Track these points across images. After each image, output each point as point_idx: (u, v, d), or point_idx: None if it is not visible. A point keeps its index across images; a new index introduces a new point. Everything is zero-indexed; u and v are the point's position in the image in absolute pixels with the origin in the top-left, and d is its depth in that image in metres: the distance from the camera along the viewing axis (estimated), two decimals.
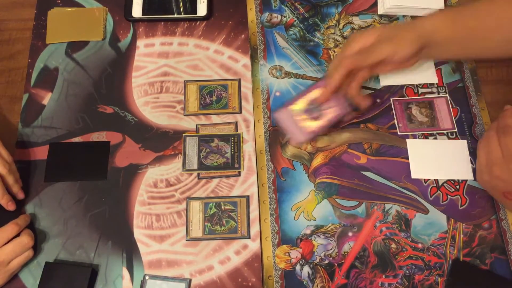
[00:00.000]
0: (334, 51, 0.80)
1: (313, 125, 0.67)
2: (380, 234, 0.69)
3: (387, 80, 0.78)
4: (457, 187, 0.71)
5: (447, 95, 0.77)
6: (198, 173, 0.71)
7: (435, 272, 0.67)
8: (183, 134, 0.73)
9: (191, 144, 0.73)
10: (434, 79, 0.78)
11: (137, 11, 0.81)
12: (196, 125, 0.74)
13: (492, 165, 0.63)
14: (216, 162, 0.72)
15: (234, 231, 0.68)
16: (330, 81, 0.68)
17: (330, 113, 0.67)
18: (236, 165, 0.72)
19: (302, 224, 0.69)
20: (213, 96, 0.76)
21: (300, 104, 0.68)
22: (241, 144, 0.73)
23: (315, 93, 0.67)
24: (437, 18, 0.69)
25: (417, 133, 0.74)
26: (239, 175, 0.71)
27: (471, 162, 0.72)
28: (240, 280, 0.66)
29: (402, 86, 0.78)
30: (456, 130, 0.74)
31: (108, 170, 0.71)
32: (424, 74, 0.78)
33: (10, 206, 0.65)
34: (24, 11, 0.82)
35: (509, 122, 0.62)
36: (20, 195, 0.67)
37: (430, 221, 0.69)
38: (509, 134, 0.61)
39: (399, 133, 0.74)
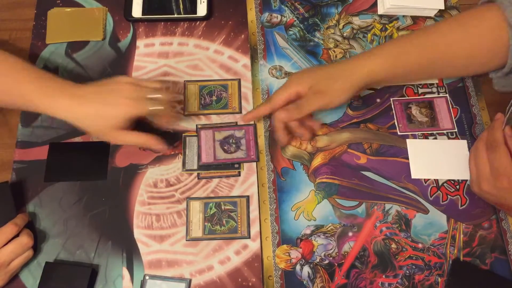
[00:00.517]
0: (334, 51, 0.80)
1: (222, 155, 0.71)
2: (380, 234, 0.69)
3: None
4: (457, 187, 0.71)
5: (447, 95, 0.77)
6: (198, 173, 0.71)
7: (435, 272, 0.67)
8: (183, 134, 0.73)
9: (191, 144, 0.73)
10: (435, 79, 0.78)
11: (137, 11, 0.81)
12: (196, 125, 0.74)
13: (481, 180, 0.64)
14: None
15: (234, 231, 0.68)
16: (252, 113, 0.72)
17: (236, 154, 0.71)
18: (236, 165, 0.72)
19: (302, 224, 0.69)
20: (213, 96, 0.76)
21: (223, 134, 0.72)
22: None
23: (239, 133, 0.72)
24: (374, 62, 0.68)
25: (417, 133, 0.74)
26: (239, 175, 0.71)
27: None
28: (240, 280, 0.66)
29: (402, 86, 0.78)
30: (456, 130, 0.74)
31: (108, 170, 0.71)
32: None
33: None
34: (24, 11, 0.82)
35: (497, 136, 0.62)
36: None
37: (430, 221, 0.69)
38: (496, 150, 0.61)
39: (399, 133, 0.74)
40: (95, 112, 0.62)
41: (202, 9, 0.81)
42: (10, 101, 0.65)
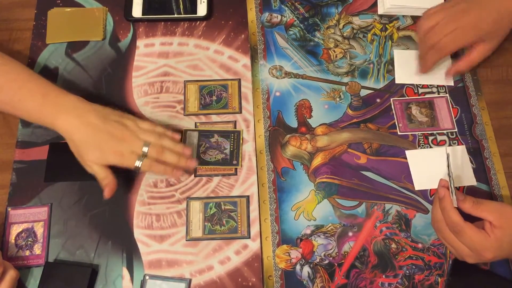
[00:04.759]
0: (334, 50, 0.80)
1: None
2: (380, 234, 0.69)
3: (403, 78, 0.78)
4: (457, 187, 0.71)
5: (447, 95, 0.77)
6: (195, 168, 0.71)
7: (435, 272, 0.67)
8: (184, 129, 0.73)
9: (191, 139, 0.73)
10: (450, 82, 0.78)
11: (137, 11, 0.81)
12: (195, 123, 0.74)
13: (464, 257, 0.61)
14: (215, 157, 0.72)
15: (234, 231, 0.68)
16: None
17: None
18: (234, 162, 0.72)
19: (302, 224, 0.69)
20: (213, 96, 0.76)
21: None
22: (241, 141, 0.73)
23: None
24: None
25: (417, 133, 0.74)
26: (235, 173, 0.71)
27: (471, 162, 0.73)
28: (240, 280, 0.66)
29: (402, 86, 0.78)
30: (456, 130, 0.74)
31: None
32: (441, 76, 0.78)
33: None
34: (24, 11, 0.82)
35: (455, 219, 0.59)
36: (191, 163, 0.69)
37: (430, 221, 0.69)
38: (462, 233, 0.59)
39: (399, 133, 0.74)
40: (89, 145, 0.63)
41: (202, 9, 0.81)
42: (13, 112, 0.67)
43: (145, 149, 0.65)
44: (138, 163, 0.64)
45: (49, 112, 0.64)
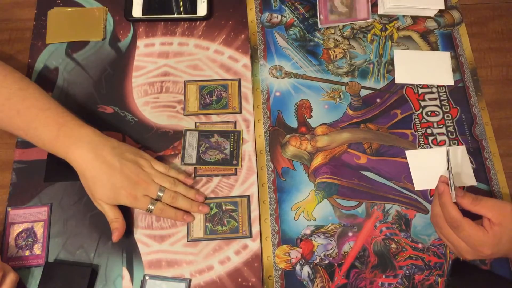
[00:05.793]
0: (334, 51, 0.80)
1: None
2: (380, 234, 0.69)
3: (403, 78, 0.78)
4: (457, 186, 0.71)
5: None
6: (195, 168, 0.71)
7: (435, 272, 0.67)
8: (184, 129, 0.73)
9: (191, 139, 0.73)
10: (451, 82, 0.78)
11: (137, 11, 0.81)
12: (195, 123, 0.74)
13: (462, 253, 0.61)
14: (215, 157, 0.72)
15: (236, 230, 0.68)
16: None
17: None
18: (234, 162, 0.72)
19: (302, 224, 0.69)
20: (213, 96, 0.76)
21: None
22: (241, 141, 0.73)
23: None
24: None
25: (338, 24, 0.81)
26: (235, 174, 0.71)
27: (471, 162, 0.73)
28: (240, 280, 0.66)
29: (402, 86, 0.78)
30: (370, 19, 0.80)
31: None
32: (441, 76, 0.78)
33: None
34: (24, 11, 0.82)
35: (453, 214, 0.59)
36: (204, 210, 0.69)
37: (430, 221, 0.69)
38: (460, 229, 0.59)
39: (319, 26, 0.80)
40: (103, 183, 0.62)
41: (202, 9, 0.81)
42: (26, 139, 0.65)
43: (160, 194, 0.65)
44: (150, 207, 0.65)
45: (63, 143, 0.62)
